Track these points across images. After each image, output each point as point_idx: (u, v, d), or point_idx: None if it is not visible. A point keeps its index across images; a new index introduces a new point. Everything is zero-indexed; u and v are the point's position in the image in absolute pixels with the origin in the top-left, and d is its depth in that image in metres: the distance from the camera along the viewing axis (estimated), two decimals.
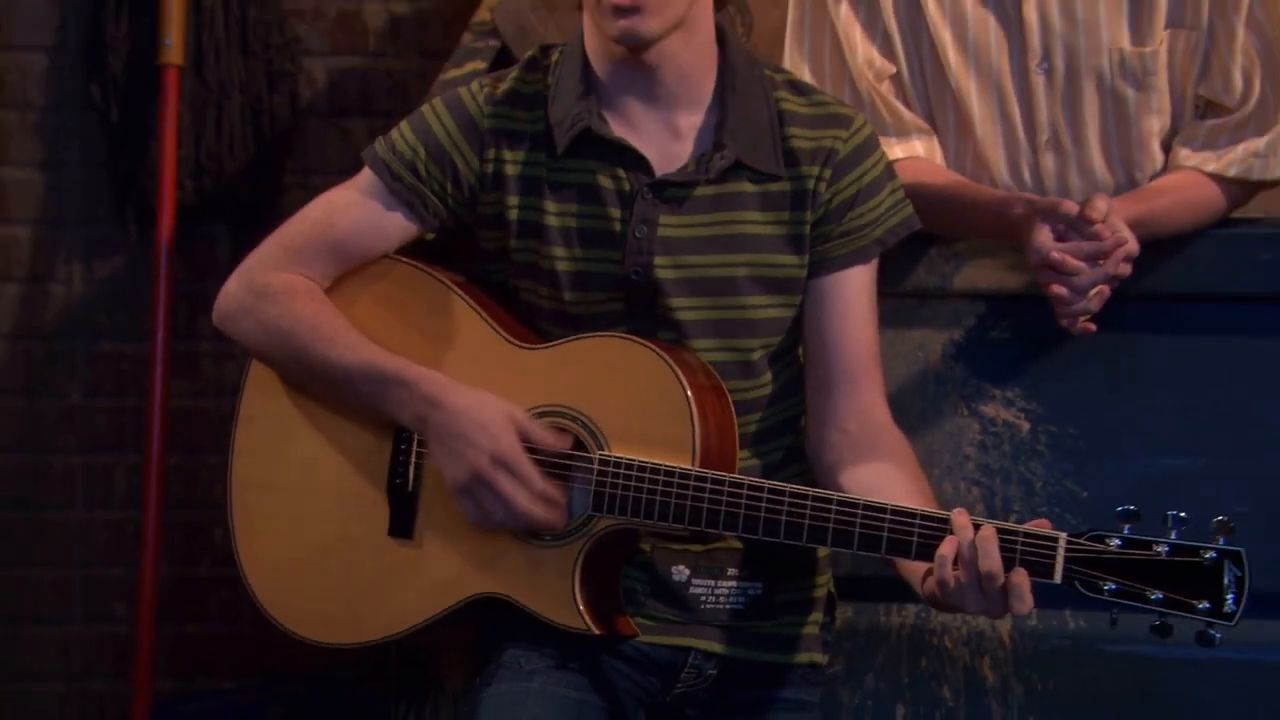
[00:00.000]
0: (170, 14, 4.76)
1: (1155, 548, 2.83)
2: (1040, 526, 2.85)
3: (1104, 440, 3.38)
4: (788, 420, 3.15)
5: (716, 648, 3.10)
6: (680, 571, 3.08)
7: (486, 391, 3.02)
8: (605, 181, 3.07)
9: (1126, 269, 3.25)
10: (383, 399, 3.07)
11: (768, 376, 3.12)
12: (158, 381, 4.74)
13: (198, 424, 4.81)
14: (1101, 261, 3.23)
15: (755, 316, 3.09)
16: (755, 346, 3.10)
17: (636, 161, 3.06)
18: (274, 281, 3.13)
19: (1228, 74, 3.42)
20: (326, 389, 3.13)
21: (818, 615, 3.18)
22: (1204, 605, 2.82)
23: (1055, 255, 3.22)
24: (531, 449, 3.02)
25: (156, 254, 4.75)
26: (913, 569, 2.94)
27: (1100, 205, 3.24)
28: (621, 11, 2.97)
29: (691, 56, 3.07)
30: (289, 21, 4.92)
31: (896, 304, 3.25)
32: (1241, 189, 3.42)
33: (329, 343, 3.09)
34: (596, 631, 3.02)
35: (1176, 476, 3.14)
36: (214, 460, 3.22)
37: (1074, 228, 3.23)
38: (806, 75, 3.46)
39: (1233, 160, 3.39)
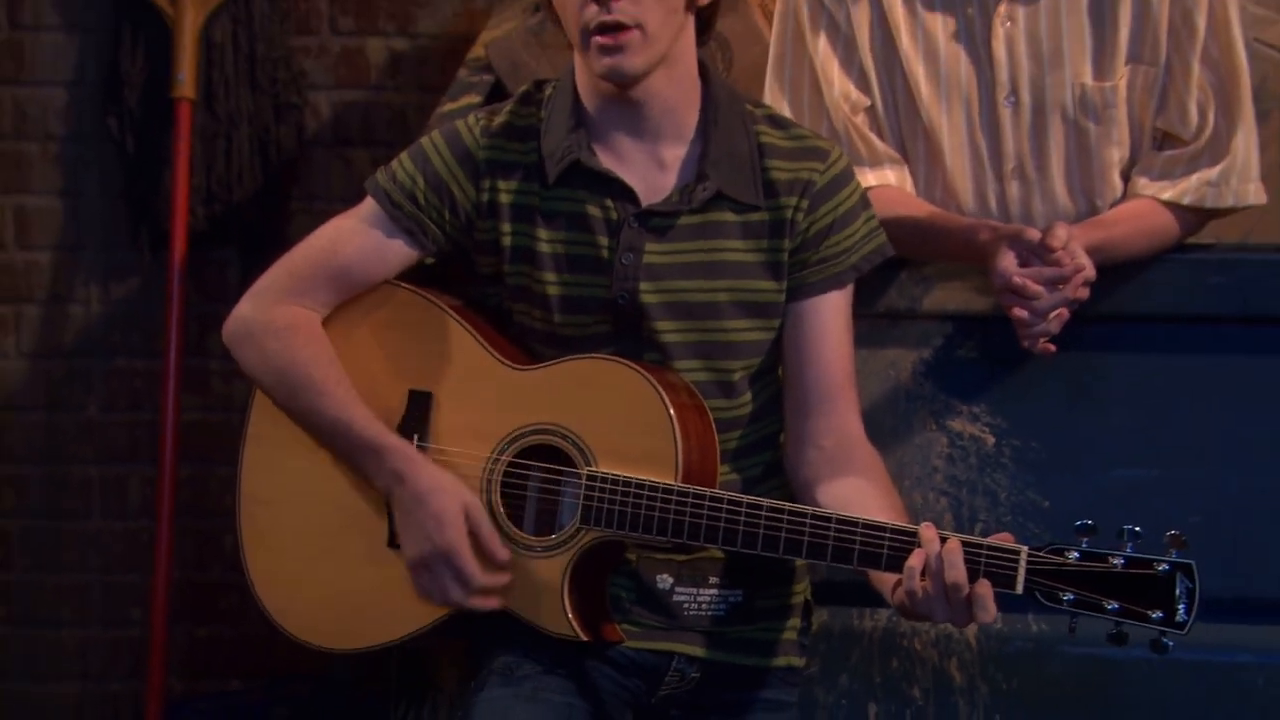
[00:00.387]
0: (183, 50, 4.77)
1: (1111, 560, 2.83)
2: (1003, 540, 2.85)
3: (1064, 454, 3.38)
4: (768, 436, 3.15)
5: (699, 652, 3.10)
6: (664, 580, 3.08)
7: (450, 475, 3.04)
8: (594, 211, 3.07)
9: (1084, 293, 3.26)
10: (356, 460, 3.09)
11: (748, 396, 3.12)
12: (170, 397, 4.74)
13: (208, 437, 4.83)
14: (1061, 286, 3.23)
15: (736, 339, 3.09)
16: (736, 368, 3.09)
17: (623, 192, 3.06)
18: (279, 316, 3.13)
19: (1184, 107, 3.42)
20: (309, 432, 3.13)
21: (795, 620, 3.18)
22: (1157, 615, 2.83)
23: (1017, 280, 3.22)
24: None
25: (169, 277, 4.76)
26: (884, 579, 2.93)
27: (1060, 233, 3.24)
28: (607, 50, 2.97)
29: (675, 92, 3.07)
30: (295, 57, 4.93)
31: (869, 325, 3.25)
32: (1195, 216, 3.42)
33: (318, 393, 3.09)
34: (584, 638, 3.02)
35: (1133, 487, 3.15)
36: (223, 472, 3.23)
37: (1036, 254, 3.24)
38: (786, 107, 3.47)
39: (1187, 189, 3.40)
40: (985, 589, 2.83)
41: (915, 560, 2.85)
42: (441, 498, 3.02)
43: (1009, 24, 3.41)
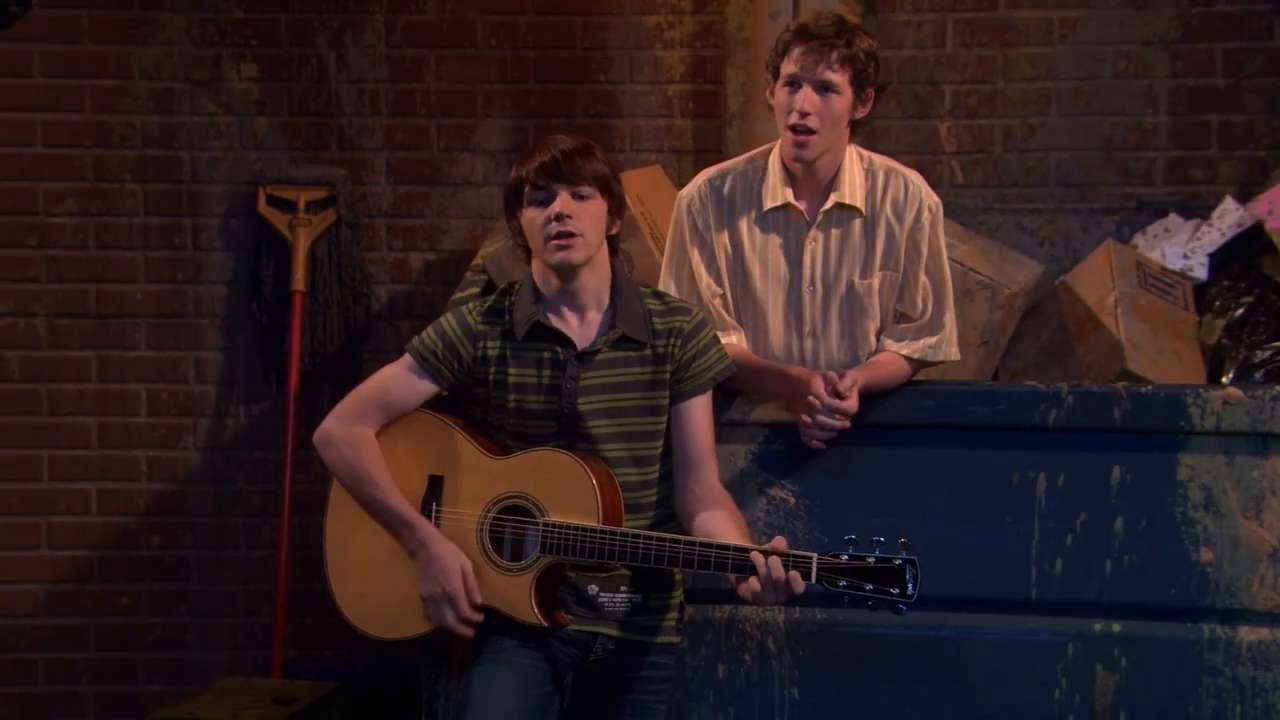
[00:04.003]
0: (297, 262, 4.78)
1: (867, 559, 2.88)
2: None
3: (837, 508, 3.36)
4: (668, 493, 3.14)
5: (614, 633, 3.09)
6: (592, 588, 3.07)
7: (453, 545, 3.04)
8: (547, 354, 3.07)
9: (847, 422, 3.26)
10: (393, 529, 3.09)
11: (655, 468, 3.11)
12: (288, 475, 4.72)
13: (312, 501, 4.73)
14: (837, 417, 3.26)
15: (641, 430, 3.08)
16: (643, 449, 3.09)
17: (566, 341, 3.07)
18: (351, 433, 3.12)
19: (914, 299, 3.41)
20: (364, 508, 3.12)
21: (674, 614, 3.17)
22: (895, 591, 2.88)
23: (828, 402, 3.24)
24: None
25: (288, 401, 4.75)
26: (734, 580, 2.96)
27: (847, 381, 3.25)
28: (560, 248, 3.01)
29: (596, 281, 3.09)
30: (365, 264, 4.90)
31: (719, 430, 3.21)
32: (920, 365, 3.42)
33: (373, 484, 3.09)
34: (544, 624, 3.02)
35: (880, 529, 3.06)
36: (321, 522, 3.20)
37: (831, 384, 3.25)
38: (672, 285, 3.45)
39: (917, 348, 3.39)
40: (794, 575, 2.88)
41: (754, 583, 2.90)
42: (449, 561, 3.02)
43: (814, 243, 3.41)
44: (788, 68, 3.30)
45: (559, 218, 3.00)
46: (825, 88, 3.28)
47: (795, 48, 3.29)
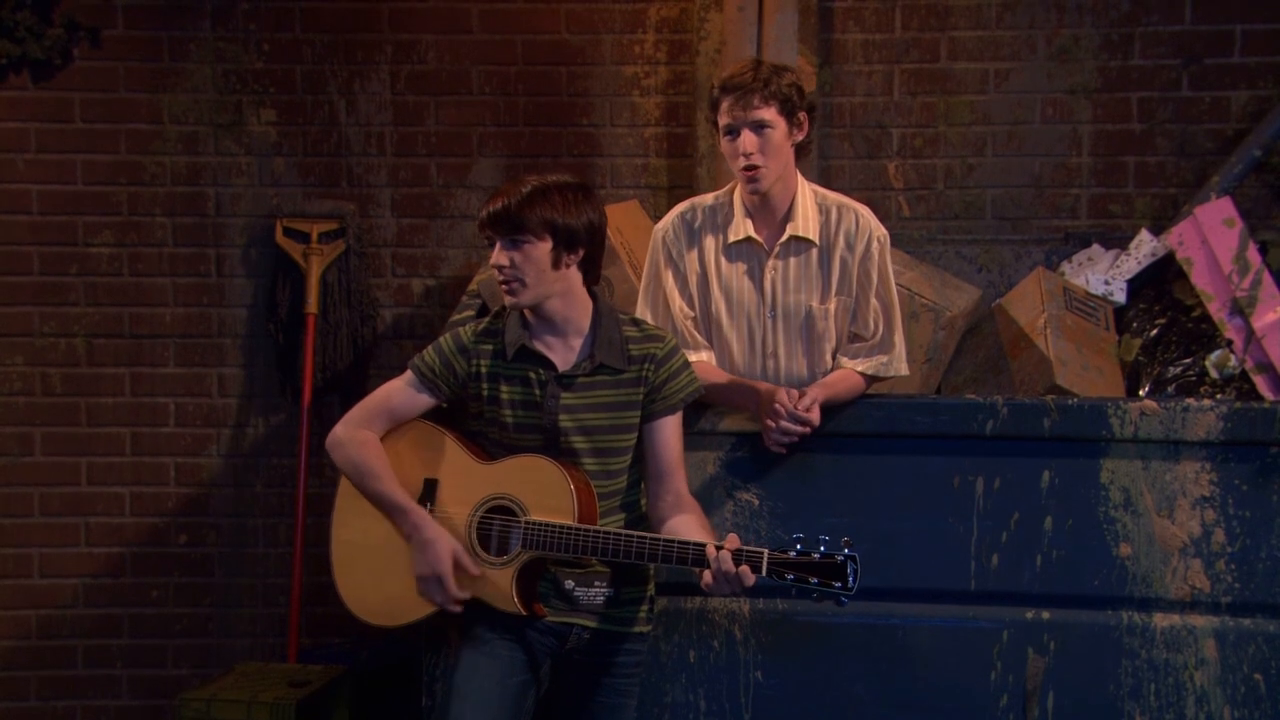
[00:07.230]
0: (310, 287, 4.73)
1: (813, 555, 2.85)
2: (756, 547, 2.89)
3: (796, 509, 3.34)
4: (636, 498, 3.11)
5: (589, 624, 3.04)
6: (569, 582, 3.03)
7: (445, 530, 3.00)
8: (532, 374, 3.03)
9: (808, 430, 3.24)
10: (393, 517, 3.05)
11: (624, 478, 3.07)
12: (302, 479, 4.67)
13: (323, 503, 4.67)
14: (800, 426, 3.23)
15: (614, 446, 3.04)
16: (614, 462, 3.05)
17: (549, 364, 3.03)
18: (356, 435, 3.08)
19: (866, 321, 3.39)
20: (368, 500, 3.09)
21: (646, 605, 3.13)
22: (838, 584, 2.84)
23: (793, 411, 3.21)
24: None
25: (302, 413, 4.71)
26: (696, 572, 2.92)
27: (808, 398, 3.23)
28: (505, 292, 3.00)
29: (572, 310, 3.05)
30: (372, 289, 4.87)
31: (691, 439, 3.20)
32: (874, 380, 3.39)
33: (375, 478, 3.05)
34: (524, 613, 2.97)
35: (832, 528, 3.11)
36: (329, 523, 3.19)
37: (793, 400, 3.23)
38: (648, 310, 3.42)
39: (870, 365, 3.36)
40: (745, 569, 2.84)
41: (708, 576, 2.86)
42: (439, 544, 2.97)
43: (774, 271, 3.38)
44: (723, 119, 3.29)
45: (498, 267, 2.98)
46: (760, 126, 3.26)
47: (724, 100, 3.28)
